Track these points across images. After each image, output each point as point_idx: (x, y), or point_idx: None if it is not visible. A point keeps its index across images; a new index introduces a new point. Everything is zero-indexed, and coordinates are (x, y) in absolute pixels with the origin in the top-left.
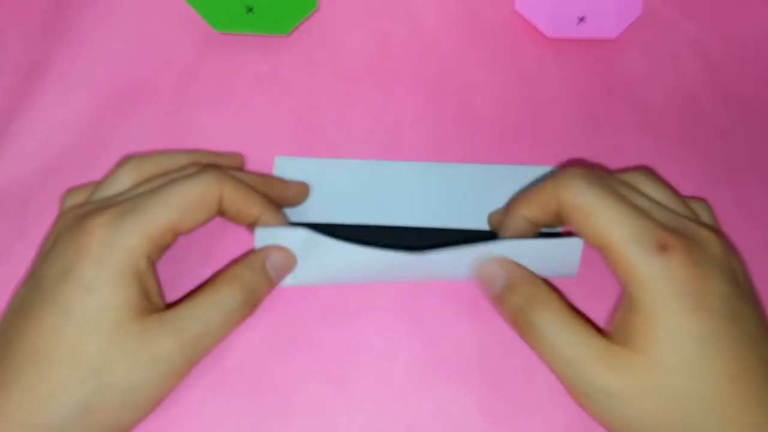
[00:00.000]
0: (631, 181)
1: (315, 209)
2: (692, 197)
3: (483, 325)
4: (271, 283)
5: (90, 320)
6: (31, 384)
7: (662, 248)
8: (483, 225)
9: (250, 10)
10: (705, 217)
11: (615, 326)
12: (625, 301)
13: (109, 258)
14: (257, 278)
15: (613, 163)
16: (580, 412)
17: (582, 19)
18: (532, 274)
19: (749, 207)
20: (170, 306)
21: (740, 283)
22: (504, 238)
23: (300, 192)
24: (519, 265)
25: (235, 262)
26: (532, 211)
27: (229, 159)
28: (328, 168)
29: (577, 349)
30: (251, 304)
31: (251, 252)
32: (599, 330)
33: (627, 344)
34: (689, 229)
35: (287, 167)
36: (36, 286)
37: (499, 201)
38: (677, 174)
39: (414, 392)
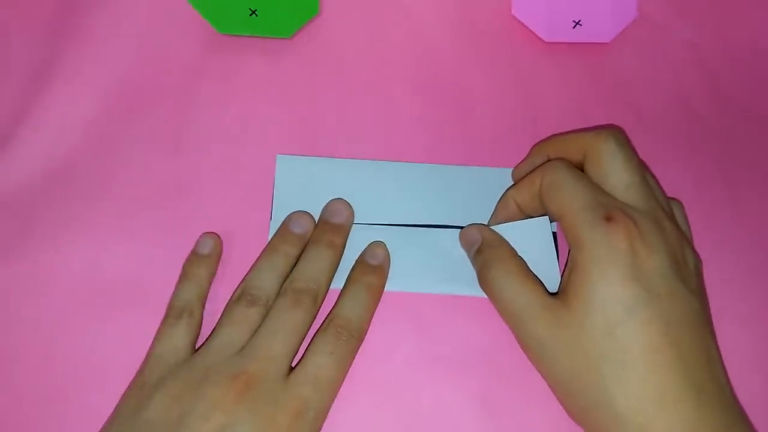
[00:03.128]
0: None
1: (314, 207)
2: (669, 198)
3: (481, 320)
4: None
5: None
6: None
7: (608, 219)
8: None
9: (253, 12)
10: (678, 215)
11: (560, 286)
12: (570, 263)
13: None
14: None
15: None
16: None
17: (578, 23)
18: (500, 239)
19: (742, 207)
20: None
21: (688, 271)
22: (492, 222)
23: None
24: (492, 231)
25: None
26: (520, 193)
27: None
28: (328, 166)
29: (521, 303)
30: None
31: None
32: (547, 291)
33: (563, 301)
34: (652, 211)
35: (289, 165)
36: None
37: (494, 202)
38: (672, 175)
39: (413, 386)
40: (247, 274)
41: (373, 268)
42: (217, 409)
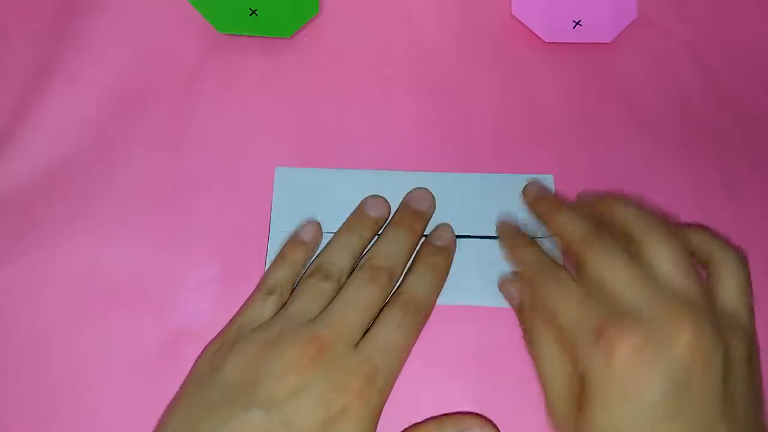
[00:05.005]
0: (646, 250)
1: (316, 219)
2: (734, 249)
3: (478, 323)
4: None
5: None
6: None
7: (599, 334)
8: (480, 232)
9: (253, 12)
10: (732, 289)
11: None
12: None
13: (366, 417)
14: None
15: (608, 165)
16: None
17: (578, 23)
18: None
19: (742, 208)
20: None
21: (705, 370)
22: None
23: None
24: (533, 290)
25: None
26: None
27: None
28: (328, 177)
29: (549, 376)
30: None
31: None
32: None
33: (580, 397)
34: (656, 316)
35: (288, 177)
36: (286, 424)
37: (496, 208)
38: (671, 175)
39: (412, 388)
40: (321, 251)
41: (438, 248)
42: (292, 370)
